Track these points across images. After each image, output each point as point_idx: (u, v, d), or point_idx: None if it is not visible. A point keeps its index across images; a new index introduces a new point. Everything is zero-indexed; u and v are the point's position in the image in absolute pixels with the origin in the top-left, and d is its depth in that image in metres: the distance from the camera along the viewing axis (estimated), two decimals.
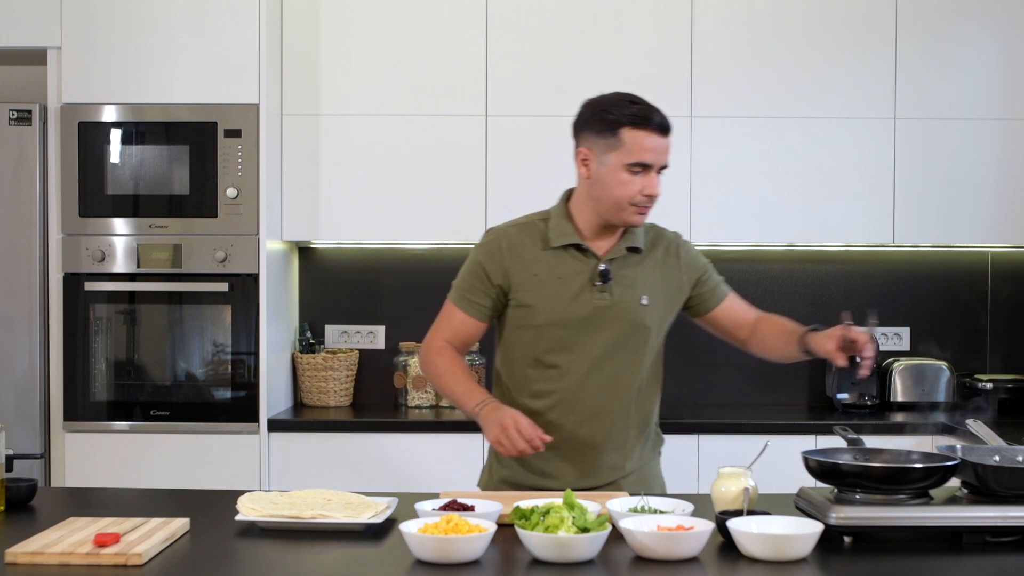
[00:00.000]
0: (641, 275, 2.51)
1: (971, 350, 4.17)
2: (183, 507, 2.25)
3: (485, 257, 2.52)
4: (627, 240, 2.50)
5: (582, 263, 2.48)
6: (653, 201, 2.44)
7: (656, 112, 2.42)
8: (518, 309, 2.50)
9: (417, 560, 1.87)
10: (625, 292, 2.48)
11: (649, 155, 2.40)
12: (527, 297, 2.48)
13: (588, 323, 2.47)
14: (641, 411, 2.56)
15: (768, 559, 1.87)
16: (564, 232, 2.49)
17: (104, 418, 3.63)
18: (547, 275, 2.48)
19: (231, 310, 3.63)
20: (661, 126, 2.40)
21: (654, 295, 2.51)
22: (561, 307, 2.46)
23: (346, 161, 3.86)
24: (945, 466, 2.03)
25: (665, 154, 2.42)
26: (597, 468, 2.52)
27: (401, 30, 3.86)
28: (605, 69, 3.85)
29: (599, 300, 2.46)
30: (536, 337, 2.49)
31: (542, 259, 2.49)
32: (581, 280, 2.47)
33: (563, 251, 2.49)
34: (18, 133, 3.66)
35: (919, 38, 3.86)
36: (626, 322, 2.48)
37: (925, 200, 3.87)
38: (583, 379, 2.48)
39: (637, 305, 2.48)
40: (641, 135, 2.39)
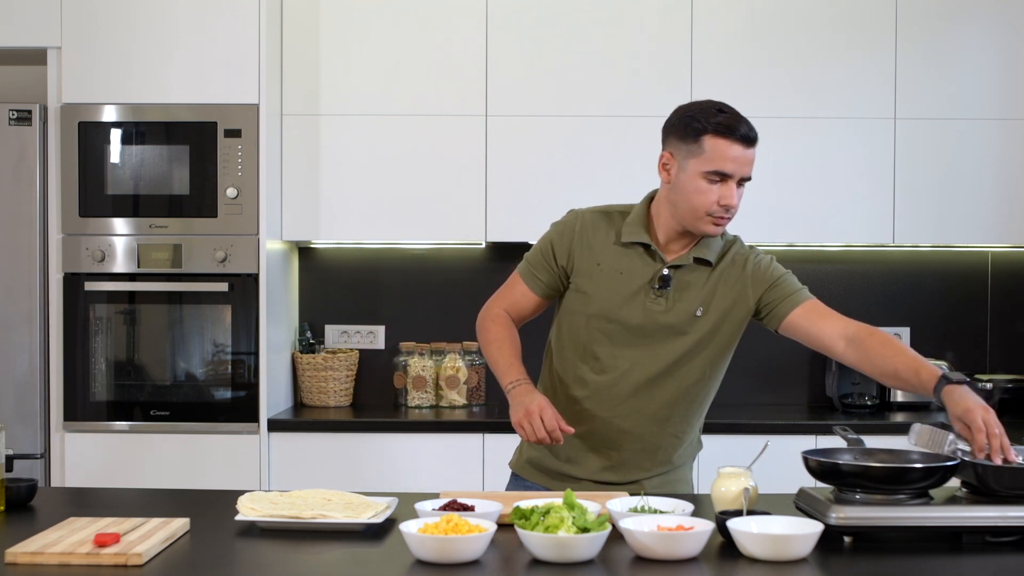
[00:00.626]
0: (703, 286, 2.46)
1: (971, 350, 4.17)
2: (183, 507, 2.25)
3: (557, 236, 2.54)
4: (699, 250, 2.47)
5: (646, 264, 2.46)
6: (730, 212, 2.41)
7: (743, 123, 2.39)
8: (575, 294, 2.51)
9: (417, 560, 1.87)
10: (681, 301, 2.45)
11: (729, 164, 2.37)
12: (585, 284, 2.49)
13: (637, 324, 2.45)
14: (682, 420, 2.53)
15: (768, 559, 1.87)
16: (637, 230, 2.47)
17: (104, 418, 3.63)
18: (609, 268, 2.47)
19: (231, 310, 3.63)
20: (745, 137, 2.38)
21: (711, 307, 2.46)
22: (614, 302, 2.46)
23: (346, 161, 3.86)
24: (945, 466, 2.03)
25: (747, 166, 2.40)
26: (623, 465, 2.51)
27: (401, 30, 3.86)
28: (605, 69, 3.85)
29: (653, 304, 2.45)
30: (586, 326, 2.49)
31: (610, 251, 2.48)
32: (641, 280, 2.46)
33: (631, 248, 2.47)
34: (18, 133, 3.66)
35: (919, 38, 3.86)
36: (676, 331, 2.45)
37: (925, 200, 3.87)
38: (622, 377, 2.47)
39: (691, 316, 2.45)
40: (723, 144, 2.37)
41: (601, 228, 2.50)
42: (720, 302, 2.47)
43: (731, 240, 2.56)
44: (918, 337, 4.16)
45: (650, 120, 3.85)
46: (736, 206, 2.41)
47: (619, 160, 3.84)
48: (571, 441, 2.48)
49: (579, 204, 2.94)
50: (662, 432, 2.51)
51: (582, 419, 2.49)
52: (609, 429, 2.50)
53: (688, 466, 2.65)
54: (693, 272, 2.47)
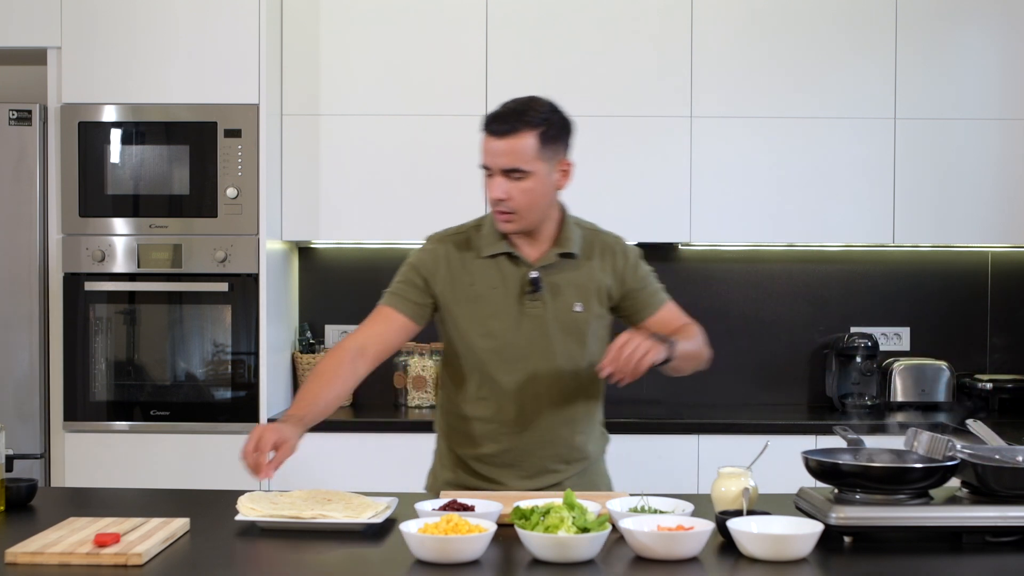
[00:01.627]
0: (575, 281, 2.47)
1: (971, 350, 4.17)
2: (183, 507, 2.25)
3: (421, 263, 2.50)
4: (560, 246, 2.47)
5: (515, 272, 2.46)
6: (503, 206, 2.38)
7: (499, 115, 2.38)
8: (455, 318, 2.48)
9: (417, 560, 1.87)
10: (558, 299, 2.46)
11: (485, 157, 2.39)
12: (461, 307, 2.47)
13: (522, 332, 2.45)
14: (585, 415, 2.54)
15: (768, 559, 1.87)
16: (493, 241, 2.47)
17: (104, 418, 3.63)
18: (482, 285, 2.46)
19: (231, 310, 3.63)
20: (493, 129, 2.37)
21: (589, 300, 2.48)
22: (495, 317, 2.45)
23: (346, 161, 3.86)
24: (945, 466, 2.03)
25: (500, 157, 2.36)
26: (540, 473, 2.51)
27: (401, 30, 3.86)
28: (605, 69, 3.85)
29: (531, 308, 2.44)
30: (472, 347, 2.47)
31: (478, 269, 2.47)
32: (514, 290, 2.45)
33: (495, 260, 2.47)
34: (18, 133, 3.66)
35: (919, 38, 3.86)
36: (559, 329, 2.46)
37: (925, 200, 3.87)
38: (521, 387, 2.46)
39: (570, 312, 2.46)
40: (484, 138, 2.40)
41: (462, 248, 2.50)
42: (596, 292, 2.49)
43: (591, 229, 2.56)
44: (918, 337, 4.16)
45: (650, 120, 3.87)
46: (507, 198, 2.37)
47: (619, 160, 3.84)
48: (485, 461, 2.50)
49: (578, 204, 2.93)
50: (572, 432, 2.52)
51: (490, 439, 2.49)
52: (518, 442, 2.49)
53: (602, 459, 2.65)
54: (562, 269, 2.47)
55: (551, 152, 2.39)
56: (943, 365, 3.98)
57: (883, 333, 4.14)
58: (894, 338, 4.16)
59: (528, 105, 2.39)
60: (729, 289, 4.18)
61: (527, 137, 2.35)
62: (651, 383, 4.16)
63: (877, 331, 4.12)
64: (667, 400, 4.08)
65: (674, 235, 3.88)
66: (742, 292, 4.19)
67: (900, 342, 4.17)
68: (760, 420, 3.71)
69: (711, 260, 4.17)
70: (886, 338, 4.15)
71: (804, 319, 4.19)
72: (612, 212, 3.81)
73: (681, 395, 4.11)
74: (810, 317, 4.19)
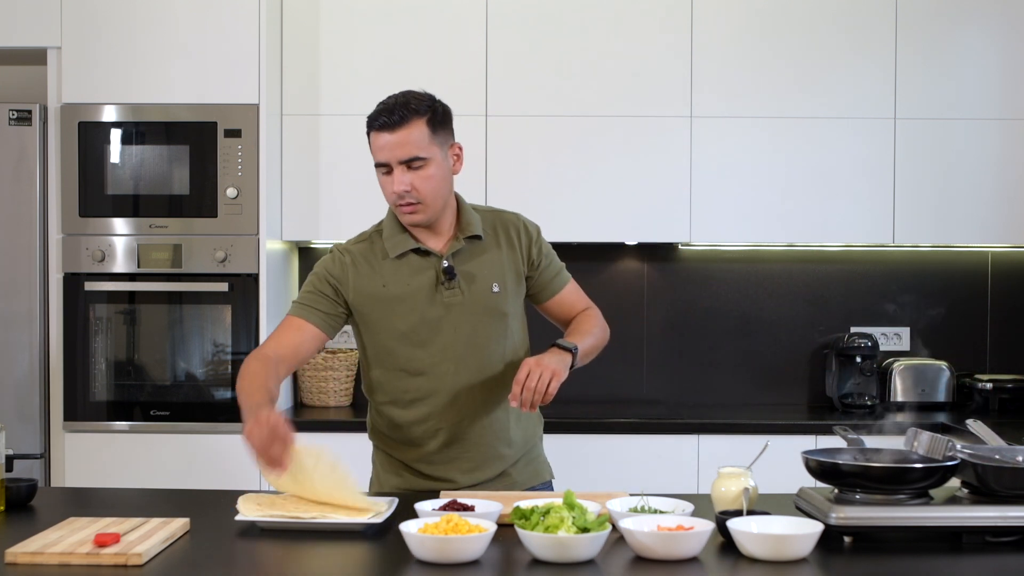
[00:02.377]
0: (487, 262, 2.50)
1: (971, 350, 4.17)
2: (183, 507, 2.25)
3: (328, 271, 2.49)
4: (464, 230, 2.49)
5: (426, 266, 2.47)
6: (409, 197, 2.40)
7: (383, 111, 2.39)
8: (373, 323, 2.48)
9: (417, 560, 1.87)
10: (474, 283, 2.47)
11: (379, 154, 2.41)
12: (379, 310, 2.46)
13: (444, 322, 2.45)
14: None
15: (768, 559, 1.87)
16: (398, 240, 2.48)
17: (104, 418, 3.63)
18: (395, 284, 2.46)
19: (231, 310, 3.63)
20: (383, 124, 2.38)
21: (504, 279, 2.50)
22: (414, 313, 2.45)
23: (346, 161, 3.86)
24: (945, 466, 2.03)
25: (397, 149, 2.38)
26: (485, 462, 2.51)
27: (401, 30, 3.86)
28: (605, 69, 3.85)
29: (450, 298, 2.46)
30: (396, 347, 2.47)
31: (388, 269, 2.47)
32: (428, 282, 2.46)
33: (404, 258, 2.48)
34: (18, 133, 3.66)
35: (919, 38, 3.86)
36: (481, 313, 2.47)
37: (925, 200, 3.87)
38: (452, 378, 2.47)
39: (489, 294, 2.48)
40: (373, 137, 2.42)
41: (370, 253, 2.50)
42: (508, 271, 2.51)
43: (491, 210, 2.59)
44: (918, 337, 4.16)
45: (650, 120, 3.87)
46: (411, 189, 2.39)
47: (619, 160, 3.85)
48: (427, 459, 2.50)
49: (578, 204, 2.95)
50: (507, 414, 2.52)
51: (429, 437, 2.49)
52: (458, 433, 2.49)
53: (540, 445, 2.65)
54: (472, 254, 2.49)
55: (442, 137, 2.44)
56: (943, 365, 3.98)
57: (883, 333, 4.14)
58: (894, 338, 4.16)
59: (408, 97, 2.42)
60: (729, 289, 4.18)
61: (418, 125, 2.39)
62: (651, 383, 4.16)
63: (877, 331, 4.12)
64: (667, 400, 4.08)
65: (674, 235, 3.88)
66: (742, 292, 4.19)
67: (900, 342, 4.17)
68: (760, 420, 3.71)
69: (711, 260, 4.17)
70: (886, 338, 4.15)
71: (804, 319, 4.19)
72: (612, 212, 3.82)
73: (681, 395, 4.11)
74: (810, 317, 4.19)
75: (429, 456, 2.51)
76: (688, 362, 4.17)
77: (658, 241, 3.94)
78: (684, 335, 4.19)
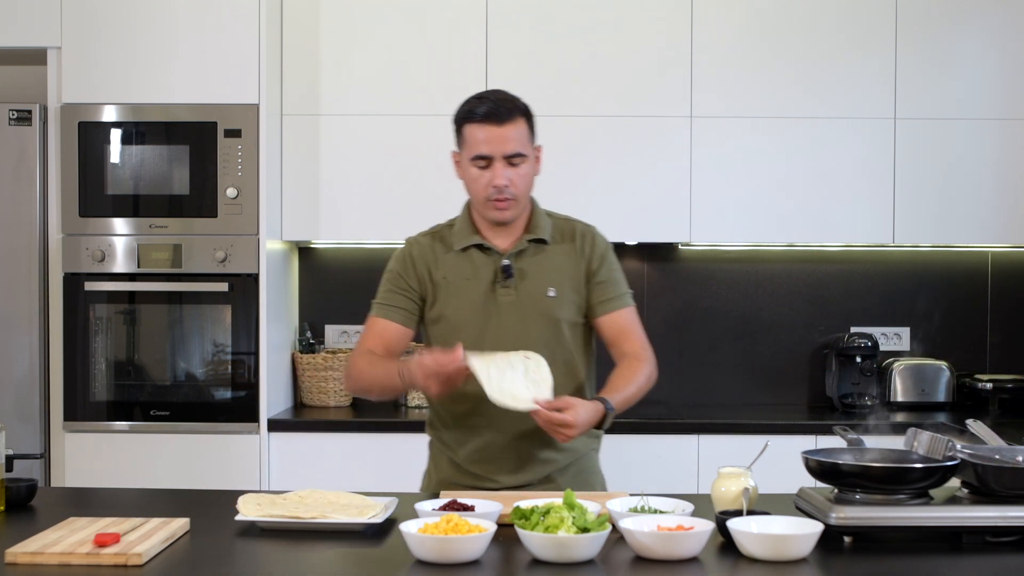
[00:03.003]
0: (547, 267, 2.51)
1: (971, 350, 4.17)
2: (183, 507, 2.25)
3: (399, 265, 2.56)
4: (531, 232, 2.52)
5: (487, 263, 2.50)
6: (507, 192, 2.43)
7: (487, 103, 2.43)
8: (433, 315, 2.53)
9: (417, 560, 1.87)
10: (530, 285, 2.49)
11: (483, 146, 2.42)
12: (439, 302, 2.51)
13: (495, 320, 2.48)
14: None
15: (768, 559, 1.87)
16: (465, 234, 2.52)
17: (104, 418, 3.63)
18: (456, 278, 2.50)
19: (231, 310, 3.63)
20: (491, 116, 2.41)
21: (562, 285, 2.50)
22: (470, 307, 2.49)
23: (346, 161, 3.86)
24: (945, 466, 2.03)
25: (503, 143, 2.41)
26: (529, 464, 2.51)
27: (401, 30, 3.86)
28: (605, 69, 3.85)
29: (504, 296, 2.48)
30: (449, 339, 2.48)
31: (449, 263, 2.52)
32: (487, 278, 2.49)
33: (467, 252, 2.51)
34: (18, 133, 3.66)
35: (919, 38, 3.86)
36: (533, 315, 2.48)
37: (925, 200, 3.87)
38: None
39: (544, 298, 2.49)
40: (474, 128, 2.43)
41: (434, 246, 2.55)
42: (568, 277, 2.51)
43: (565, 219, 2.59)
44: (918, 337, 4.16)
45: (650, 120, 3.87)
46: (509, 185, 2.43)
47: (619, 160, 3.85)
48: (474, 457, 2.52)
49: (578, 204, 2.94)
50: None
51: (474, 433, 2.51)
52: (502, 434, 2.49)
53: (594, 456, 2.64)
54: (534, 256, 2.51)
55: (533, 137, 2.50)
56: (943, 365, 3.99)
57: (883, 333, 4.14)
58: (894, 338, 4.16)
59: (507, 94, 2.48)
60: (729, 289, 4.18)
61: (521, 122, 2.46)
62: None
63: (877, 331, 4.12)
64: (667, 400, 4.08)
65: (674, 235, 3.88)
66: (742, 292, 4.19)
67: (900, 342, 4.17)
68: (760, 420, 3.71)
69: (711, 260, 4.17)
70: (886, 338, 4.15)
71: (804, 319, 4.19)
72: (612, 212, 3.82)
73: (681, 395, 4.11)
74: (810, 317, 4.19)
75: (474, 453, 2.52)
76: (688, 362, 4.17)
77: (658, 241, 3.94)
78: (684, 335, 4.18)
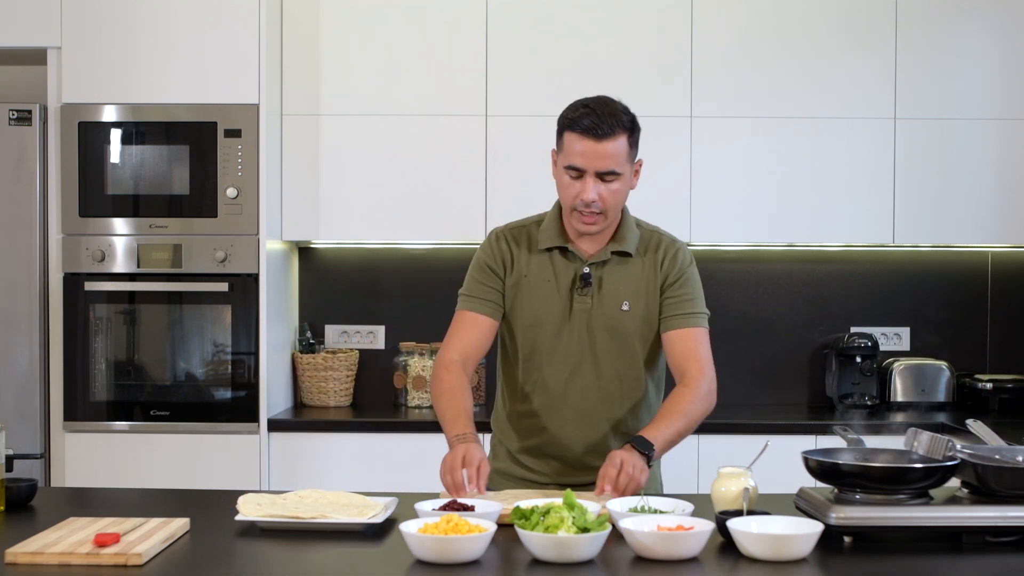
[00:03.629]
0: (626, 279, 2.49)
1: (971, 350, 4.17)
2: (183, 507, 2.25)
3: (487, 256, 2.55)
4: (616, 243, 2.49)
5: (568, 266, 2.49)
6: (593, 207, 2.38)
7: (592, 116, 2.35)
8: (509, 308, 2.53)
9: (417, 560, 1.87)
10: (606, 297, 2.47)
11: (578, 159, 2.37)
12: (516, 297, 2.51)
13: (567, 325, 2.47)
14: (630, 417, 2.53)
15: (768, 559, 1.87)
16: (552, 235, 2.50)
17: (104, 418, 3.63)
18: (536, 276, 2.50)
19: (231, 310, 3.63)
20: (591, 130, 2.34)
21: (638, 300, 2.48)
22: (545, 309, 2.48)
23: (346, 161, 3.86)
24: (945, 466, 2.03)
25: (598, 160, 2.35)
26: (579, 469, 2.52)
27: (401, 30, 3.86)
28: (605, 69, 3.85)
29: (580, 303, 2.47)
30: (523, 338, 2.51)
31: (533, 260, 2.51)
32: (566, 283, 2.48)
33: (550, 253, 2.50)
34: (18, 133, 3.65)
35: (919, 38, 3.86)
36: (605, 326, 2.47)
37: (925, 200, 3.87)
38: (565, 382, 2.49)
39: (618, 310, 2.47)
40: (573, 138, 2.38)
41: (521, 241, 2.53)
42: (645, 292, 2.49)
43: (653, 231, 2.56)
44: (918, 337, 4.16)
45: (650, 120, 3.83)
46: (596, 201, 2.38)
47: None
48: (529, 451, 2.54)
49: None
50: (611, 430, 2.51)
51: (534, 430, 2.53)
52: (559, 437, 2.51)
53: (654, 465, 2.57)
54: (615, 267, 2.49)
55: (634, 152, 2.43)
56: (943, 365, 3.99)
57: (883, 333, 4.14)
58: (894, 338, 4.16)
59: (613, 105, 2.39)
60: (729, 289, 4.18)
61: (622, 138, 2.38)
62: None
63: (877, 331, 4.12)
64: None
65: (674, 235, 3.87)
66: (742, 292, 4.19)
67: (900, 342, 4.17)
68: (760, 420, 3.71)
69: (711, 260, 4.17)
70: (886, 338, 4.15)
71: (804, 319, 4.19)
72: None
73: None
74: (810, 317, 4.19)
75: (531, 450, 2.54)
76: None
77: None
78: None
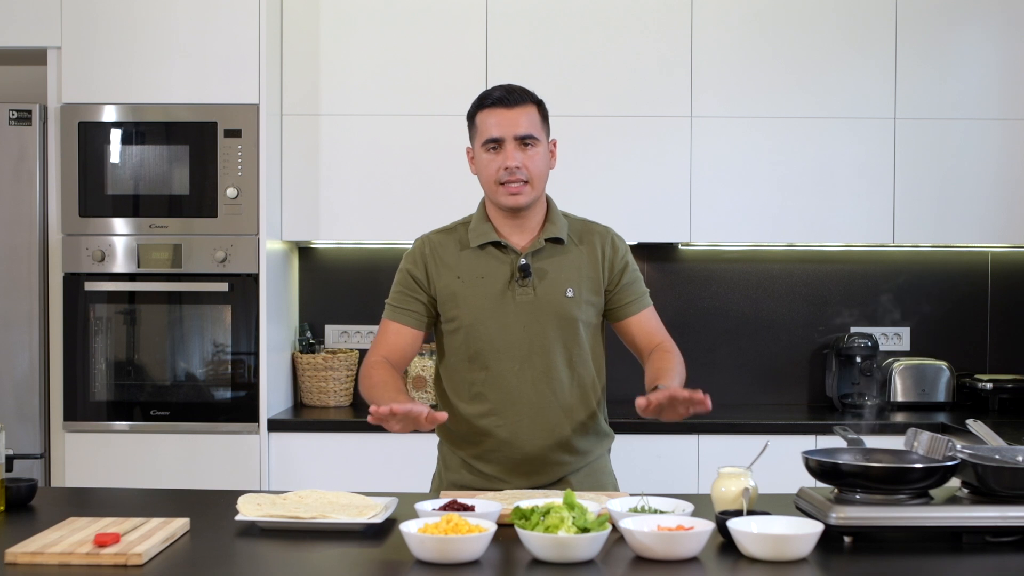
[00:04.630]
0: (565, 267, 2.50)
1: (971, 350, 4.17)
2: (183, 507, 2.25)
3: (411, 265, 2.55)
4: (547, 231, 2.51)
5: (503, 261, 2.49)
6: (519, 174, 2.44)
7: (499, 90, 2.48)
8: (446, 313, 2.52)
9: (417, 560, 1.87)
10: (548, 285, 2.48)
11: (494, 129, 2.45)
12: (453, 300, 2.50)
13: (513, 319, 2.47)
14: (582, 406, 2.53)
15: (768, 559, 1.87)
16: (481, 232, 2.51)
17: (104, 418, 3.63)
18: (469, 276, 2.49)
19: (231, 310, 3.63)
20: (502, 100, 2.46)
21: (580, 286, 2.50)
22: (486, 306, 2.47)
23: (346, 161, 3.86)
24: (945, 466, 2.03)
25: (514, 125, 2.45)
26: (543, 467, 2.51)
27: (401, 30, 3.86)
28: (605, 69, 3.85)
29: (522, 295, 2.47)
30: (465, 339, 2.50)
31: (464, 261, 2.51)
32: (503, 277, 2.48)
33: (483, 250, 2.51)
34: (18, 133, 3.66)
35: (919, 38, 3.86)
36: (551, 315, 2.47)
37: (925, 200, 3.87)
38: (516, 377, 2.48)
39: (562, 297, 2.48)
40: (485, 114, 2.48)
41: (449, 243, 2.54)
42: (588, 281, 2.51)
43: (582, 220, 2.60)
44: (918, 337, 4.16)
45: (650, 120, 3.87)
46: (521, 168, 2.44)
47: (619, 160, 3.85)
48: (486, 458, 2.52)
49: (578, 204, 2.95)
50: (568, 422, 2.51)
51: (488, 435, 2.51)
52: (517, 436, 2.49)
53: (606, 458, 2.64)
54: (552, 256, 2.50)
55: (546, 128, 2.53)
56: (943, 365, 3.99)
57: (883, 333, 4.14)
58: (894, 338, 4.16)
59: (518, 86, 2.52)
60: (729, 289, 4.18)
61: (531, 109, 2.49)
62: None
63: (877, 331, 4.12)
64: None
65: (674, 235, 3.88)
66: (742, 292, 4.19)
67: (900, 342, 4.17)
68: (760, 420, 3.71)
69: (711, 260, 4.17)
70: (886, 338, 4.15)
71: (804, 319, 4.19)
72: (612, 212, 3.82)
73: None
74: (810, 317, 4.19)
75: (487, 454, 2.52)
76: (688, 362, 4.11)
77: (658, 241, 3.94)
78: (684, 335, 4.17)
